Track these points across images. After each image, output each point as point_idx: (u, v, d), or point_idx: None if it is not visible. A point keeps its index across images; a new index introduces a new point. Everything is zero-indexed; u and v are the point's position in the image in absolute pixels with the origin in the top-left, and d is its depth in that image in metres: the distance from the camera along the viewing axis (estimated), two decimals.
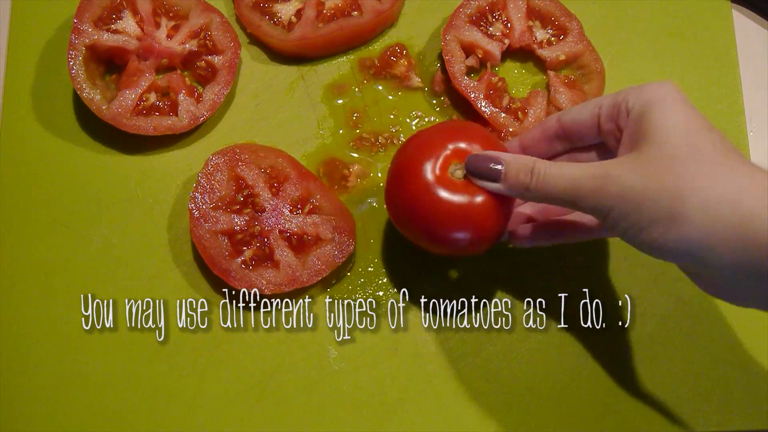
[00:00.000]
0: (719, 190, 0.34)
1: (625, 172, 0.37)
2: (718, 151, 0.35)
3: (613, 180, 0.37)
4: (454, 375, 0.53)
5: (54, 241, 0.55)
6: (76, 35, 0.56)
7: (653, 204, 0.35)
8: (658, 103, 0.38)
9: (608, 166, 0.38)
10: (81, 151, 0.57)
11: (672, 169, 0.35)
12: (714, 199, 0.34)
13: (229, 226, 0.53)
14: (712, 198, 0.34)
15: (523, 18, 0.59)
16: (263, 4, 0.60)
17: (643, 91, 0.39)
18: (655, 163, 0.36)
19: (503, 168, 0.42)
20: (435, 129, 0.48)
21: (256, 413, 0.52)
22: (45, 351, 0.53)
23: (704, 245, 0.35)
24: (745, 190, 0.34)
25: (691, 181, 0.35)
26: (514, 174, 0.41)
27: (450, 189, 0.43)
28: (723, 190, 0.34)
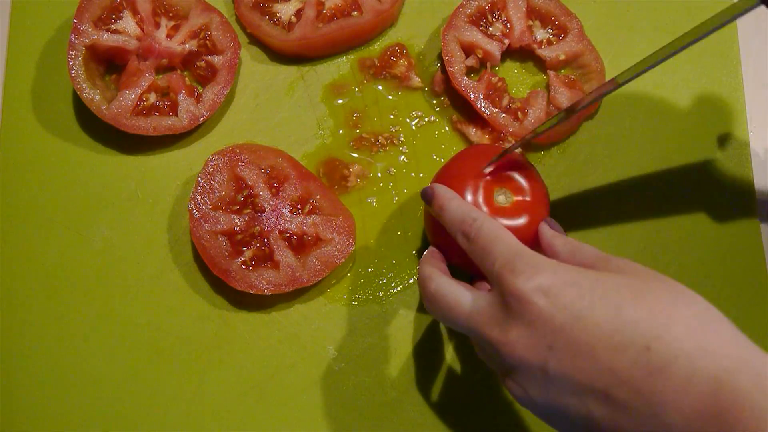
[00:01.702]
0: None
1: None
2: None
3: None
4: (454, 375, 0.53)
5: (54, 241, 0.55)
6: (76, 35, 0.56)
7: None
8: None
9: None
10: (81, 151, 0.57)
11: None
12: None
13: (229, 227, 0.53)
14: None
15: (523, 18, 0.59)
16: (263, 4, 0.60)
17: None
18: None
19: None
20: (465, 155, 0.49)
21: (256, 413, 0.52)
22: (45, 351, 0.53)
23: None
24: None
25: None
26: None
27: (499, 214, 0.45)
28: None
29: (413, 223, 0.56)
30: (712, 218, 0.56)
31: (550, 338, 0.34)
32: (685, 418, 0.29)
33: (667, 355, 0.31)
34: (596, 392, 0.32)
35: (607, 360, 0.32)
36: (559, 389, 0.34)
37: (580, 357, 0.33)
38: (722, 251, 0.56)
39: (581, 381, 0.33)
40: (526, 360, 0.34)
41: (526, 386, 0.35)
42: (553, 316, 0.34)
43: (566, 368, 0.33)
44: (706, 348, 0.30)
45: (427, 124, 0.59)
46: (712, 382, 0.29)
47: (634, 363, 0.31)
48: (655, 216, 0.57)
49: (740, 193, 0.57)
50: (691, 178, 0.58)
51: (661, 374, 0.30)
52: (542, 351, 0.34)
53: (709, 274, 0.55)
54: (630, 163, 0.58)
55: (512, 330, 0.35)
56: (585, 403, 0.33)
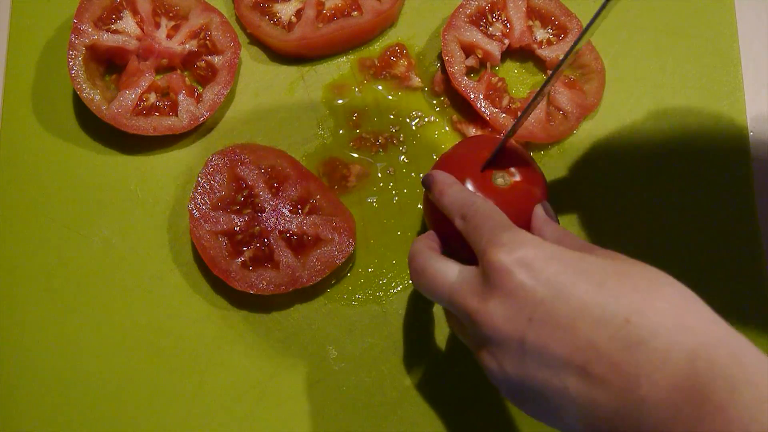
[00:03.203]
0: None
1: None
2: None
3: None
4: (454, 375, 0.53)
5: (54, 241, 0.55)
6: (76, 35, 0.56)
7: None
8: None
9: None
10: (81, 151, 0.57)
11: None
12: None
13: (229, 227, 0.53)
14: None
15: (523, 18, 0.59)
16: (263, 4, 0.60)
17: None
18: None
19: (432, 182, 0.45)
20: (465, 144, 0.51)
21: (256, 413, 0.52)
22: (45, 351, 0.53)
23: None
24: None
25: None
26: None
27: (498, 195, 0.45)
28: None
29: (413, 223, 0.56)
30: (711, 218, 0.56)
31: (529, 310, 0.34)
32: (660, 391, 0.29)
33: (646, 329, 0.31)
34: (574, 366, 0.32)
35: (586, 333, 0.32)
36: (536, 363, 0.33)
37: (560, 330, 0.33)
38: (722, 251, 0.56)
39: (559, 354, 0.32)
40: (504, 331, 0.34)
41: (501, 359, 0.35)
42: (534, 289, 0.34)
43: (545, 341, 0.33)
44: (685, 324, 0.31)
45: (427, 124, 0.59)
46: (689, 355, 0.29)
47: (614, 336, 0.31)
48: (654, 216, 0.57)
49: (740, 193, 0.57)
50: (690, 178, 0.58)
51: (639, 347, 0.30)
52: (521, 323, 0.34)
53: (708, 274, 0.55)
54: (630, 163, 0.58)
55: (492, 300, 0.35)
56: (561, 378, 0.32)
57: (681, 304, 0.32)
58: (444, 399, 0.52)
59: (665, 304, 0.32)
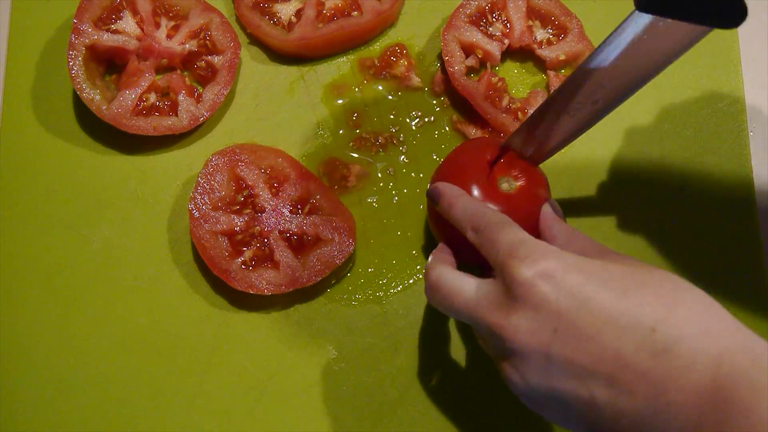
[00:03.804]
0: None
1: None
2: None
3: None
4: (455, 375, 0.53)
5: (54, 241, 0.55)
6: (76, 35, 0.56)
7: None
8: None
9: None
10: (81, 151, 0.57)
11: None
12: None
13: (229, 227, 0.53)
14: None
15: (523, 18, 0.59)
16: (263, 4, 0.60)
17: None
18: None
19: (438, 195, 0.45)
20: (466, 149, 0.50)
21: (256, 413, 0.52)
22: (45, 351, 0.53)
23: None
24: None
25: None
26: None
27: (506, 201, 0.45)
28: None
29: (413, 223, 0.56)
30: (711, 218, 0.56)
31: (554, 322, 0.34)
32: (687, 397, 0.30)
33: (672, 336, 0.31)
34: (600, 375, 0.32)
35: (612, 343, 0.32)
36: (561, 374, 0.34)
37: (585, 340, 0.33)
38: (722, 251, 0.56)
39: (586, 364, 0.33)
40: (528, 344, 0.34)
41: (525, 372, 0.35)
42: (557, 300, 0.34)
43: (570, 352, 0.33)
44: (708, 330, 0.31)
45: (427, 124, 0.59)
46: (714, 360, 0.30)
47: (640, 345, 0.31)
48: (654, 216, 0.57)
49: (740, 193, 0.57)
50: (690, 178, 0.58)
51: (665, 355, 0.31)
52: (546, 335, 0.34)
53: (708, 274, 0.55)
54: (630, 164, 0.58)
55: (515, 314, 0.35)
56: (588, 387, 0.33)
57: (702, 310, 0.32)
58: (444, 399, 0.52)
59: (688, 312, 0.32)
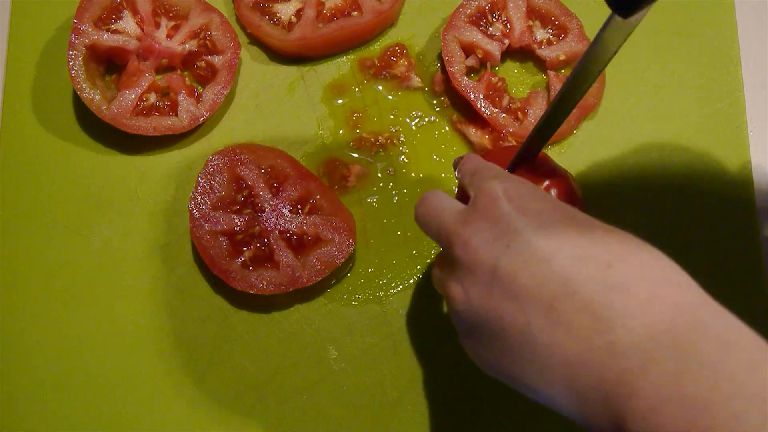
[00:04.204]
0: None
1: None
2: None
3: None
4: (455, 375, 0.53)
5: (54, 241, 0.55)
6: (76, 35, 0.56)
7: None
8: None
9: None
10: (81, 151, 0.57)
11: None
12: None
13: (228, 227, 0.53)
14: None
15: (523, 18, 0.59)
16: (263, 4, 0.60)
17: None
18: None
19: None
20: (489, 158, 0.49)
21: (256, 413, 0.52)
22: (45, 351, 0.53)
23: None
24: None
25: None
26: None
27: None
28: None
29: (413, 223, 0.56)
30: (711, 218, 0.56)
31: (509, 237, 0.33)
32: (635, 338, 0.28)
33: (628, 276, 0.30)
34: (541, 300, 0.31)
35: (562, 269, 0.31)
36: (503, 293, 0.33)
37: (535, 261, 0.32)
38: (722, 251, 0.56)
39: (529, 286, 0.32)
40: (478, 254, 0.34)
41: (468, 285, 0.35)
42: (517, 219, 0.34)
43: (517, 270, 0.32)
44: (668, 279, 0.30)
45: (427, 124, 0.59)
46: (672, 309, 0.29)
47: (592, 276, 0.30)
48: (654, 216, 0.57)
49: (740, 193, 0.57)
50: (690, 178, 0.58)
51: (617, 291, 0.30)
52: (498, 248, 0.33)
53: (708, 274, 0.55)
54: (629, 163, 0.58)
55: (474, 224, 0.35)
56: (525, 312, 0.32)
57: (663, 263, 0.32)
58: (444, 399, 0.52)
59: (649, 258, 0.31)
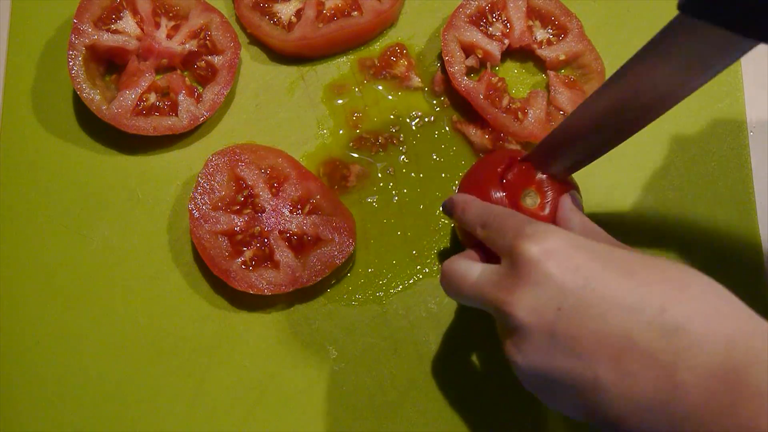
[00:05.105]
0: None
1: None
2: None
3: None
4: (455, 375, 0.53)
5: (54, 241, 0.55)
6: (76, 35, 0.56)
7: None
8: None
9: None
10: (81, 151, 0.57)
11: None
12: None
13: (229, 227, 0.53)
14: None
15: (523, 18, 0.59)
16: (263, 4, 0.60)
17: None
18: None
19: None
20: (487, 162, 0.49)
21: (256, 413, 0.52)
22: (45, 351, 0.53)
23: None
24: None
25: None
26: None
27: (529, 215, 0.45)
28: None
29: (413, 223, 0.56)
30: (711, 218, 0.56)
31: (558, 300, 0.33)
32: (697, 377, 0.29)
33: (682, 316, 0.30)
34: (606, 356, 0.31)
35: (619, 322, 0.31)
36: (565, 353, 0.33)
37: (591, 319, 0.32)
38: (722, 251, 0.56)
39: (590, 344, 0.32)
40: (531, 321, 0.34)
41: (528, 350, 0.34)
42: (563, 277, 0.33)
43: (575, 330, 0.32)
44: (719, 311, 0.30)
45: (427, 124, 0.59)
46: (726, 341, 0.29)
47: (649, 324, 0.31)
48: (653, 216, 0.57)
49: (739, 193, 0.57)
50: (690, 178, 0.58)
51: (675, 334, 0.30)
52: (550, 313, 0.33)
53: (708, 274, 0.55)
54: (629, 164, 0.58)
55: (519, 290, 0.34)
56: (592, 368, 0.32)
57: (712, 292, 0.32)
58: (444, 399, 0.52)
59: (699, 292, 0.31)
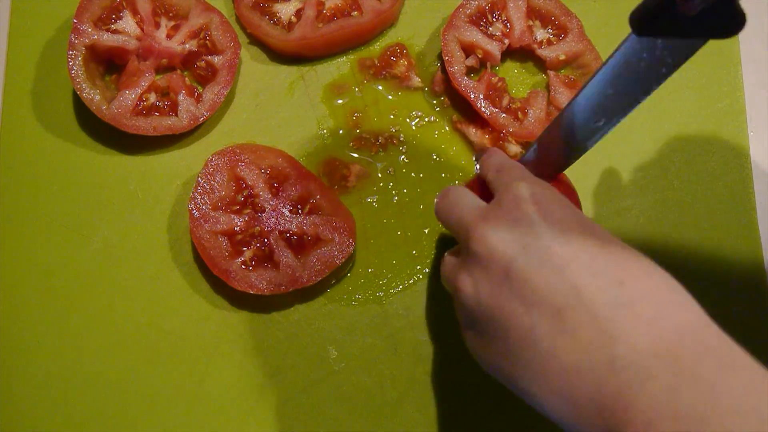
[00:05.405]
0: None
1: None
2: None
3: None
4: (455, 375, 0.53)
5: (54, 241, 0.55)
6: (76, 35, 0.56)
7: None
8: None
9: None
10: (81, 151, 0.57)
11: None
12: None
13: (229, 227, 0.53)
14: None
15: (523, 18, 0.59)
16: (263, 4, 0.60)
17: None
18: None
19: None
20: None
21: (256, 413, 0.52)
22: (45, 351, 0.53)
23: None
24: None
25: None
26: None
27: None
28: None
29: (413, 223, 0.56)
30: (710, 218, 0.56)
31: (528, 239, 0.34)
32: (636, 355, 0.29)
33: (638, 294, 0.31)
34: (550, 306, 0.32)
35: (575, 279, 0.32)
36: (513, 292, 0.33)
37: (550, 267, 0.33)
38: (721, 251, 0.56)
39: (540, 290, 0.32)
40: (495, 251, 0.35)
41: (479, 279, 0.35)
42: (540, 221, 0.35)
43: (530, 272, 0.33)
44: (676, 302, 0.31)
45: (427, 124, 0.59)
46: (677, 329, 0.30)
47: (602, 290, 0.31)
48: (653, 216, 0.57)
49: (740, 193, 0.57)
50: (690, 178, 0.58)
51: (625, 308, 0.31)
52: (514, 248, 0.34)
53: (708, 274, 0.55)
54: (629, 164, 0.58)
55: (495, 220, 0.36)
56: (531, 315, 0.32)
57: (676, 287, 0.32)
58: (444, 399, 0.52)
59: (659, 281, 0.32)
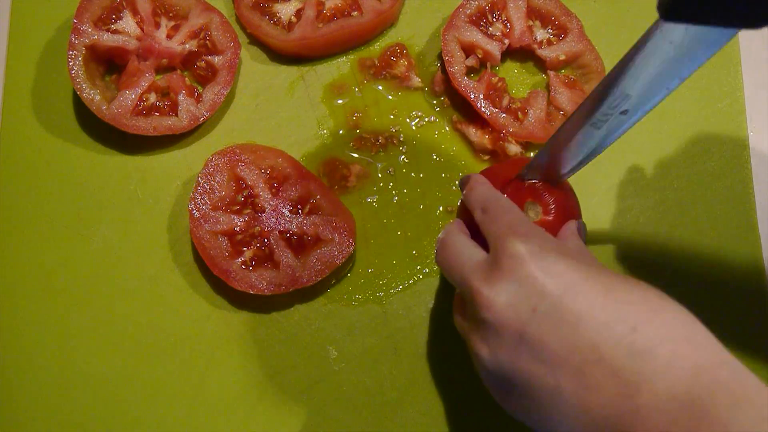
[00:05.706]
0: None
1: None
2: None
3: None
4: (454, 375, 0.53)
5: (54, 241, 0.55)
6: (76, 35, 0.56)
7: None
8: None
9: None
10: (81, 151, 0.57)
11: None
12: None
13: (229, 227, 0.53)
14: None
15: (523, 18, 0.59)
16: (263, 4, 0.60)
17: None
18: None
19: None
20: (497, 169, 0.49)
21: (256, 413, 0.52)
22: (45, 351, 0.53)
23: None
24: None
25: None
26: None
27: None
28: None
29: (413, 223, 0.56)
30: (710, 219, 0.56)
31: (535, 301, 0.33)
32: (659, 401, 0.29)
33: (652, 339, 0.31)
34: (571, 365, 0.32)
35: (590, 334, 0.32)
36: (531, 356, 0.33)
37: (563, 326, 0.32)
38: (721, 251, 0.56)
39: (558, 350, 0.32)
40: (504, 318, 0.34)
41: (495, 346, 0.35)
42: (543, 280, 0.34)
43: (546, 335, 0.33)
44: (689, 339, 0.31)
45: (427, 124, 0.59)
46: (692, 369, 0.30)
47: (618, 342, 0.31)
48: (653, 217, 0.56)
49: (739, 193, 0.57)
50: (690, 178, 0.58)
51: (643, 356, 0.30)
52: (525, 312, 0.34)
53: (708, 274, 0.55)
54: (629, 164, 0.58)
55: (499, 284, 0.35)
56: (555, 375, 0.32)
57: (685, 320, 0.32)
58: (444, 399, 0.52)
59: (671, 318, 0.32)
